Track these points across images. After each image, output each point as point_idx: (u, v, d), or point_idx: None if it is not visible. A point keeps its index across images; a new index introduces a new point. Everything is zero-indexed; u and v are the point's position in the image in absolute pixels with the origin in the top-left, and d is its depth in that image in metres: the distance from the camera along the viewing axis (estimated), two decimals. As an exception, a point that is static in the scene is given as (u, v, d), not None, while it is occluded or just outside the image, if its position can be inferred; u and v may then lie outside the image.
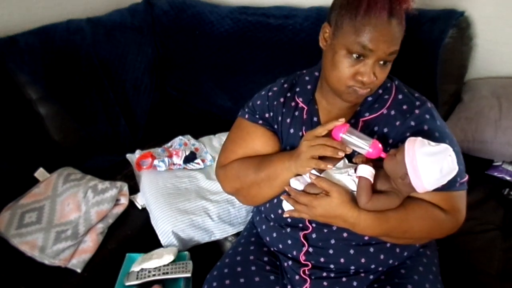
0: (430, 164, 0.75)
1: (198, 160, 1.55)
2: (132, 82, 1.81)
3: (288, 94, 1.04)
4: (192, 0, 1.91)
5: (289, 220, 0.99)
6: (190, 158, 1.54)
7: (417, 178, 0.76)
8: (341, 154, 0.84)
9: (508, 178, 1.39)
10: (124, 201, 1.39)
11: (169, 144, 1.68)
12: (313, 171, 0.88)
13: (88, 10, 1.80)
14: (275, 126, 1.05)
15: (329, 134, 0.87)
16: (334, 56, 0.87)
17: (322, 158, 0.86)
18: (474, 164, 1.45)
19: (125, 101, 1.78)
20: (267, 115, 1.06)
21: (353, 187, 0.86)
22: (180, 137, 1.71)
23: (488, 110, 1.40)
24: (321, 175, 0.87)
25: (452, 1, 1.47)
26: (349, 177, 0.86)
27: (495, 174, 1.42)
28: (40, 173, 1.45)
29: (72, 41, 1.61)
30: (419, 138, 0.78)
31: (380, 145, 0.83)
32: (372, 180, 0.82)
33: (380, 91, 0.95)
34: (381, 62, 0.85)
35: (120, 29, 1.79)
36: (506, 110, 1.38)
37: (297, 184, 0.90)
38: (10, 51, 1.45)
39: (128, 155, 1.65)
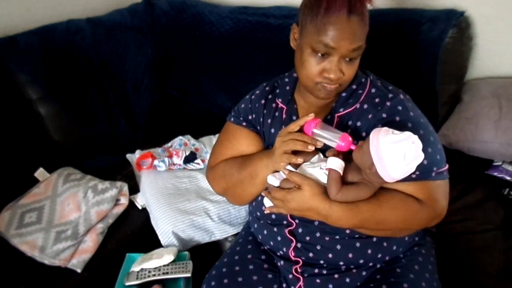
0: (393, 152, 0.77)
1: (198, 160, 1.55)
2: (132, 82, 1.81)
3: (269, 96, 1.09)
4: (192, 0, 1.91)
5: (273, 216, 1.02)
6: (190, 158, 1.54)
7: (382, 167, 0.78)
8: (311, 148, 0.87)
9: (508, 178, 1.39)
10: (124, 201, 1.39)
11: (169, 144, 1.68)
12: (289, 167, 0.91)
13: (88, 10, 1.80)
14: (258, 127, 1.10)
15: (302, 130, 0.91)
16: (302, 55, 0.91)
17: (297, 153, 0.90)
18: (474, 164, 1.45)
19: (125, 101, 1.78)
20: (250, 117, 1.10)
21: (325, 180, 0.88)
22: (180, 137, 1.71)
23: (488, 110, 1.40)
24: (296, 171, 0.90)
25: (452, 1, 1.47)
26: (321, 171, 0.88)
27: (495, 174, 1.42)
28: (40, 173, 1.45)
29: (72, 41, 1.61)
30: (384, 128, 0.80)
31: (350, 138, 0.85)
32: (341, 172, 0.84)
33: (354, 87, 0.98)
34: (347, 59, 0.88)
35: (120, 29, 1.79)
36: (506, 110, 1.38)
37: (273, 180, 0.93)
38: (10, 51, 1.45)
39: (128, 155, 1.65)
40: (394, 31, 1.47)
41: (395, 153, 0.76)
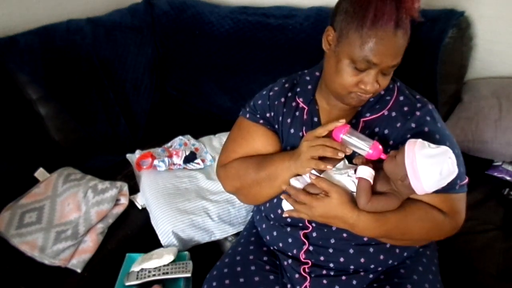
0: (429, 166, 0.75)
1: (198, 160, 1.55)
2: (132, 82, 1.81)
3: (289, 94, 1.05)
4: (192, 0, 1.91)
5: (288, 219, 1.00)
6: (190, 158, 1.54)
7: (417, 180, 0.76)
8: (341, 155, 0.84)
9: (508, 178, 1.39)
10: (124, 201, 1.39)
11: (169, 144, 1.68)
12: (313, 171, 0.88)
13: (88, 10, 1.80)
14: (276, 126, 1.06)
15: (329, 135, 0.87)
16: (338, 63, 0.87)
17: (322, 158, 0.87)
18: (474, 164, 1.45)
19: (125, 101, 1.78)
20: (268, 114, 1.06)
21: (352, 188, 0.86)
22: (180, 137, 1.71)
23: (488, 110, 1.40)
24: (321, 176, 0.87)
25: (452, 1, 1.47)
26: (348, 178, 0.86)
27: (495, 174, 1.42)
28: (40, 173, 1.45)
29: (72, 41, 1.61)
30: (419, 140, 0.78)
31: (380, 147, 0.83)
32: (371, 181, 0.82)
33: (382, 92, 0.95)
34: (385, 72, 0.86)
35: (120, 29, 1.79)
36: (506, 110, 1.38)
37: (297, 184, 0.90)
38: (10, 51, 1.45)
39: (128, 155, 1.65)
40: (394, 31, 1.47)
41: (432, 167, 0.75)
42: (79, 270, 1.20)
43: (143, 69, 1.85)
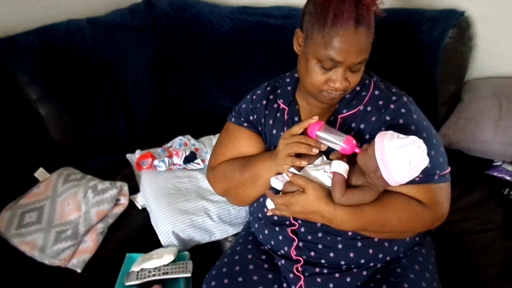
0: (398, 156, 0.76)
1: (198, 160, 1.55)
2: (132, 82, 1.80)
3: (271, 97, 1.08)
4: (192, 0, 1.91)
5: (275, 218, 1.02)
6: (190, 158, 1.54)
7: (387, 171, 0.78)
8: (315, 151, 0.87)
9: (508, 178, 1.39)
10: (124, 201, 1.39)
11: (169, 144, 1.68)
12: (292, 169, 0.90)
13: (88, 10, 1.80)
14: (259, 128, 1.09)
15: (305, 133, 0.90)
16: (307, 63, 0.90)
17: (299, 156, 0.89)
18: (474, 164, 1.45)
19: (125, 101, 1.78)
20: (251, 117, 1.10)
21: (329, 183, 0.87)
22: (180, 137, 1.71)
23: (488, 110, 1.40)
24: (299, 173, 0.89)
25: (452, 1, 1.47)
26: (325, 174, 0.88)
27: (495, 174, 1.42)
28: (40, 173, 1.45)
29: (72, 41, 1.61)
30: (389, 132, 0.80)
31: (354, 141, 0.85)
32: (345, 175, 0.84)
33: (358, 88, 0.97)
34: (352, 69, 0.87)
35: (120, 29, 1.79)
36: (506, 110, 1.38)
37: (276, 182, 0.93)
38: (10, 51, 1.45)
39: (128, 155, 1.65)
40: (394, 31, 1.47)
41: (401, 157, 0.76)
42: (79, 270, 1.20)
43: (143, 69, 1.85)
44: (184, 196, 1.41)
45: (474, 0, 1.45)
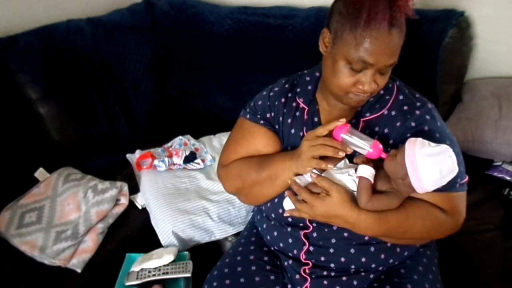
0: (430, 165, 0.75)
1: (198, 160, 1.55)
2: (132, 82, 1.80)
3: (289, 95, 1.05)
4: (192, 0, 1.91)
5: (289, 219, 1.00)
6: (190, 158, 1.54)
7: (417, 179, 0.77)
8: (342, 154, 0.84)
9: (508, 178, 1.39)
10: (124, 201, 1.39)
11: (169, 144, 1.68)
12: (314, 170, 0.88)
13: (88, 10, 1.80)
14: (276, 126, 1.06)
15: (330, 134, 0.88)
16: (334, 64, 0.87)
17: (323, 158, 0.87)
18: (474, 164, 1.45)
19: (125, 101, 1.78)
20: (268, 115, 1.06)
21: (353, 187, 0.86)
22: (180, 137, 1.71)
23: (488, 110, 1.40)
24: (322, 175, 0.87)
25: (452, 1, 1.47)
26: (349, 177, 0.86)
27: (495, 174, 1.42)
28: (40, 173, 1.45)
29: (72, 41, 1.61)
30: (419, 139, 0.79)
31: (380, 146, 0.83)
32: (372, 180, 0.82)
33: (381, 92, 0.95)
34: (382, 71, 0.86)
35: (120, 29, 1.79)
36: (506, 110, 1.38)
37: (298, 183, 0.90)
38: (10, 51, 1.45)
39: (128, 155, 1.65)
40: (394, 31, 1.47)
41: (432, 166, 0.75)
42: (79, 270, 1.20)
43: (143, 69, 1.85)
44: (184, 196, 1.41)
45: (474, 0, 1.45)
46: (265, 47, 1.72)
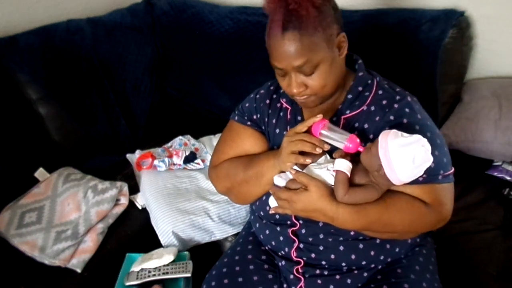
0: (402, 155, 0.76)
1: (198, 160, 1.55)
2: (132, 82, 1.81)
3: (274, 96, 1.08)
4: (192, 0, 1.91)
5: (277, 217, 1.02)
6: (190, 158, 1.54)
7: (391, 170, 0.78)
8: (319, 150, 0.87)
9: (508, 178, 1.39)
10: (124, 201, 1.39)
11: (169, 144, 1.68)
12: (295, 167, 0.90)
13: (88, 10, 1.80)
14: (263, 127, 1.09)
15: (309, 131, 0.90)
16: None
17: (302, 154, 0.89)
18: (474, 164, 1.45)
19: (125, 101, 1.78)
20: (255, 116, 1.10)
21: (332, 181, 0.87)
22: (180, 137, 1.71)
23: (488, 110, 1.40)
24: (303, 171, 0.90)
25: (452, 1, 1.47)
26: (328, 172, 0.88)
27: (495, 174, 1.41)
28: (40, 173, 1.45)
29: (72, 41, 1.61)
30: (393, 130, 0.80)
31: (358, 140, 0.85)
32: (349, 173, 0.84)
33: (360, 88, 0.97)
34: (303, 72, 0.88)
35: (120, 29, 1.79)
36: (506, 110, 1.38)
37: (279, 180, 0.93)
38: (10, 51, 1.45)
39: (128, 155, 1.65)
40: (394, 31, 1.47)
41: (404, 156, 0.76)
42: (79, 270, 1.20)
43: (143, 69, 1.85)
44: (184, 196, 1.41)
45: (474, 0, 1.45)
46: (265, 47, 1.72)
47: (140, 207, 1.43)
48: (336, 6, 0.90)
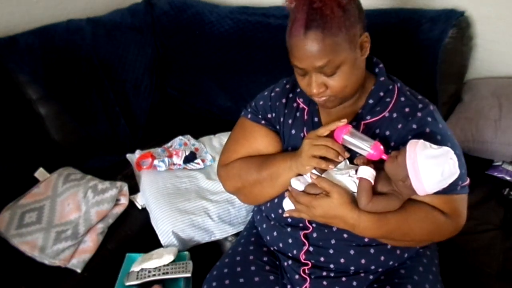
0: (431, 167, 0.75)
1: (198, 160, 1.55)
2: (132, 82, 1.81)
3: (290, 95, 1.05)
4: (192, 0, 1.91)
5: (289, 220, 1.00)
6: (190, 158, 1.54)
7: (418, 181, 0.76)
8: (341, 159, 0.85)
9: (508, 178, 1.39)
10: (124, 201, 1.39)
11: (169, 144, 1.68)
12: (314, 171, 0.88)
13: (88, 10, 1.80)
14: (277, 127, 1.06)
15: (331, 135, 0.88)
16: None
17: (323, 159, 0.87)
18: (474, 164, 1.44)
19: (125, 101, 1.78)
20: (269, 115, 1.06)
21: (353, 188, 0.85)
22: (180, 137, 1.71)
23: (488, 110, 1.40)
24: (322, 176, 0.87)
25: (452, 1, 1.47)
26: (350, 178, 0.86)
27: (495, 174, 1.42)
28: (40, 173, 1.45)
29: (72, 41, 1.61)
30: (421, 141, 0.78)
31: (381, 147, 0.83)
32: (372, 181, 0.82)
33: (382, 94, 0.95)
34: (325, 73, 0.86)
35: (120, 29, 1.79)
36: (506, 110, 1.38)
37: (297, 184, 0.90)
38: (10, 51, 1.45)
39: (128, 155, 1.65)
40: (394, 31, 1.47)
41: (433, 168, 0.75)
42: (79, 270, 1.20)
43: (143, 69, 1.85)
44: (184, 196, 1.41)
45: (474, 0, 1.45)
46: (265, 47, 1.72)
47: (140, 207, 1.43)
48: (360, 6, 0.88)
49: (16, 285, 1.15)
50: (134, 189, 1.47)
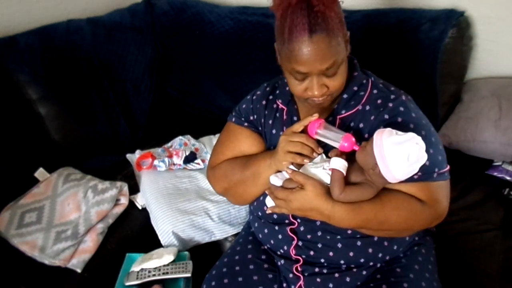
0: (397, 153, 0.77)
1: (198, 160, 1.55)
2: (132, 82, 1.81)
3: (270, 97, 1.09)
4: (192, 0, 1.91)
5: (275, 216, 1.02)
6: (190, 158, 1.54)
7: (386, 168, 0.78)
8: (316, 155, 0.88)
9: (508, 178, 1.39)
10: (124, 201, 1.39)
11: (169, 144, 1.68)
12: (291, 167, 0.91)
13: (88, 10, 1.81)
14: (260, 128, 1.10)
15: (305, 130, 0.91)
16: (285, 75, 0.92)
17: (299, 154, 0.90)
18: (474, 164, 1.45)
19: (125, 101, 1.78)
20: (251, 117, 1.10)
21: (328, 180, 0.88)
22: (180, 137, 1.71)
23: (488, 110, 1.40)
24: (299, 170, 0.90)
25: (452, 1, 1.47)
26: (324, 171, 0.88)
27: (495, 174, 1.42)
28: (40, 173, 1.45)
29: (72, 41, 1.61)
30: (388, 129, 0.80)
31: (353, 138, 0.86)
32: (344, 172, 0.84)
33: (355, 88, 0.97)
34: (326, 74, 0.87)
35: (120, 29, 1.79)
36: (506, 110, 1.38)
37: (276, 180, 0.93)
38: (10, 51, 1.45)
39: (128, 155, 1.65)
40: (394, 31, 1.47)
41: (399, 154, 0.77)
42: (79, 270, 1.20)
43: (143, 69, 1.85)
44: (184, 196, 1.41)
45: (474, 0, 1.45)
46: (265, 47, 1.71)
47: (140, 207, 1.43)
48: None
49: (16, 285, 1.15)
50: (134, 189, 1.47)
